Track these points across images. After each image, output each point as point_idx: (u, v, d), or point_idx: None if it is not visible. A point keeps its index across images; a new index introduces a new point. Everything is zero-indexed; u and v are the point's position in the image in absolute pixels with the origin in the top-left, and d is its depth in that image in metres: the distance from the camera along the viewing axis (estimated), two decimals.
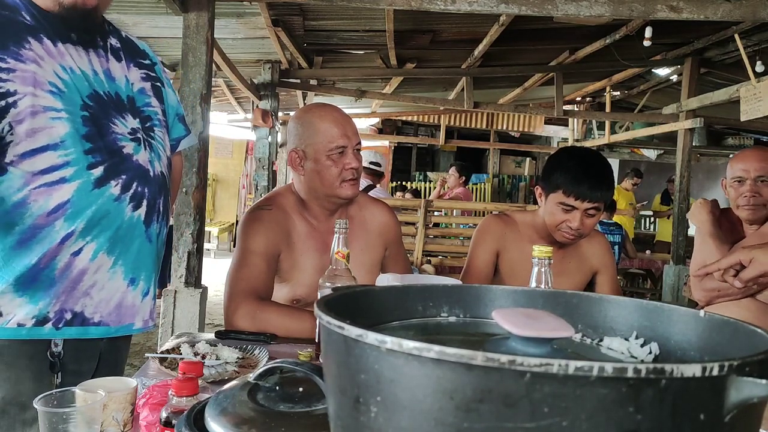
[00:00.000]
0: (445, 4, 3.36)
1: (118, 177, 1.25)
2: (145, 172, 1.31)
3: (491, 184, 11.07)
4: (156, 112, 1.40)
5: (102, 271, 1.25)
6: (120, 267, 1.27)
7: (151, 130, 1.37)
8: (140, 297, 1.32)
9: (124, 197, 1.26)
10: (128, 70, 1.37)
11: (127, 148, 1.28)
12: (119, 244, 1.26)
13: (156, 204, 1.34)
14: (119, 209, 1.25)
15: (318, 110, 1.70)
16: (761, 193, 1.94)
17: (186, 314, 3.31)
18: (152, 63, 1.46)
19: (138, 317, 1.33)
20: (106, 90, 1.28)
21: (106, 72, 1.30)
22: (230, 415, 0.66)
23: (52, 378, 1.24)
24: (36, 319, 1.19)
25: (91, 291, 1.24)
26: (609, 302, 0.64)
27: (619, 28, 4.90)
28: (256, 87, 6.07)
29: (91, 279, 1.23)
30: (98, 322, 1.26)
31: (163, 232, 1.39)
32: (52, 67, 1.20)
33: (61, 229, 1.19)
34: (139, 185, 1.29)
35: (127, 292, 1.29)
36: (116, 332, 1.29)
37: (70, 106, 1.20)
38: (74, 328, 1.23)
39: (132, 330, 1.33)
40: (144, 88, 1.39)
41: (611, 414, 0.39)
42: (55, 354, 1.24)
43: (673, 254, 5.78)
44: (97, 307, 1.25)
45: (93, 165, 1.22)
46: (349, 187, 1.64)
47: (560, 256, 1.83)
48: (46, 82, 1.18)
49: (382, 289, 0.68)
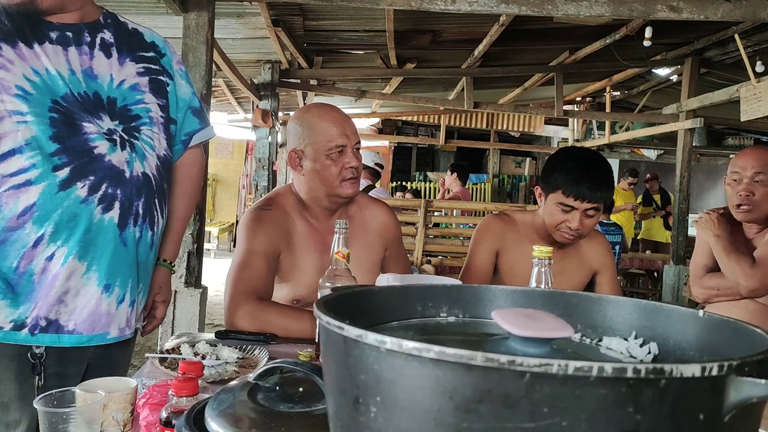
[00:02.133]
0: (445, 4, 3.36)
1: (85, 178, 1.22)
2: (119, 173, 1.26)
3: (491, 184, 11.08)
4: (148, 109, 1.35)
5: (75, 277, 1.22)
6: (94, 272, 1.24)
7: (137, 130, 1.32)
8: (115, 304, 1.29)
9: (92, 199, 1.22)
10: (120, 65, 1.33)
11: (100, 148, 1.24)
12: (91, 248, 1.23)
13: (132, 206, 1.28)
14: (87, 211, 1.22)
15: (317, 110, 1.70)
16: (755, 192, 1.92)
17: (186, 314, 3.31)
18: (159, 55, 1.41)
19: (113, 326, 1.30)
20: (83, 90, 1.25)
21: (87, 71, 1.27)
22: (230, 415, 0.66)
23: (34, 380, 1.23)
24: (14, 323, 1.19)
25: (65, 298, 1.22)
26: (608, 302, 0.64)
27: (619, 28, 4.90)
28: (256, 87, 6.07)
29: (64, 285, 1.22)
30: (72, 330, 1.24)
31: (147, 236, 1.33)
32: (23, 70, 1.19)
33: (32, 232, 1.18)
34: (110, 186, 1.25)
35: (101, 299, 1.26)
36: (89, 341, 1.27)
37: (38, 107, 1.18)
38: (48, 335, 1.22)
39: (106, 339, 1.29)
40: (138, 84, 1.35)
41: (611, 414, 0.39)
42: (36, 356, 1.23)
43: (673, 254, 5.78)
44: (72, 314, 1.23)
45: (59, 167, 1.19)
46: (350, 186, 1.64)
47: (560, 256, 1.83)
48: (13, 86, 1.17)
49: (382, 289, 0.68)
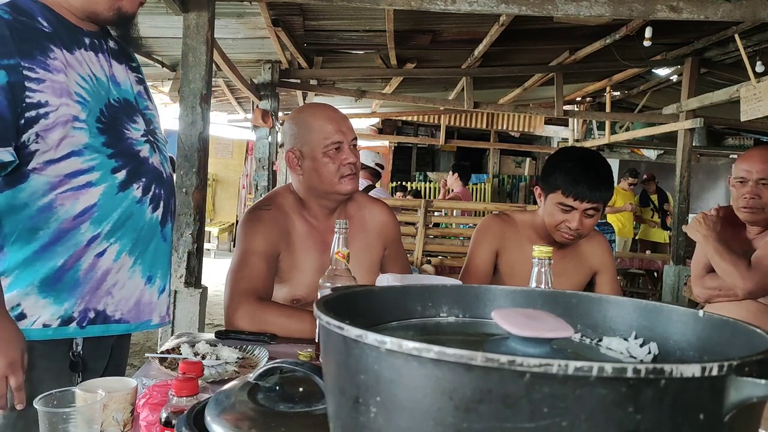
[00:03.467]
0: (445, 4, 3.36)
1: (139, 180, 1.29)
2: (160, 174, 1.35)
3: (491, 184, 11.07)
4: (154, 115, 1.42)
5: (123, 270, 1.29)
6: (138, 266, 1.31)
7: (154, 133, 1.39)
8: (157, 294, 1.37)
9: (145, 199, 1.30)
10: (125, 73, 1.38)
11: (143, 151, 1.32)
12: (140, 244, 1.30)
13: (169, 205, 1.38)
14: (141, 211, 1.30)
15: (311, 109, 1.72)
16: (761, 195, 1.93)
17: (186, 314, 3.31)
18: (138, 65, 1.46)
19: (155, 313, 1.37)
20: (116, 97, 1.30)
21: (112, 77, 1.31)
22: (230, 415, 0.66)
23: (74, 377, 1.27)
24: (61, 320, 1.22)
25: (113, 290, 1.28)
26: (608, 302, 0.64)
27: (619, 28, 4.89)
28: (256, 87, 6.07)
29: (113, 278, 1.27)
30: (119, 319, 1.30)
31: (172, 230, 1.43)
32: (74, 77, 1.20)
33: (87, 232, 1.22)
34: (156, 187, 1.33)
35: (144, 289, 1.33)
36: (136, 328, 1.34)
37: (91, 114, 1.22)
38: (97, 326, 1.27)
39: (150, 326, 1.37)
40: (141, 91, 1.41)
41: (611, 414, 0.39)
42: (76, 354, 1.27)
43: (673, 254, 5.77)
44: (118, 305, 1.29)
45: (116, 169, 1.25)
46: (349, 182, 1.65)
47: (560, 256, 1.83)
48: (73, 92, 1.19)
49: (382, 289, 0.68)
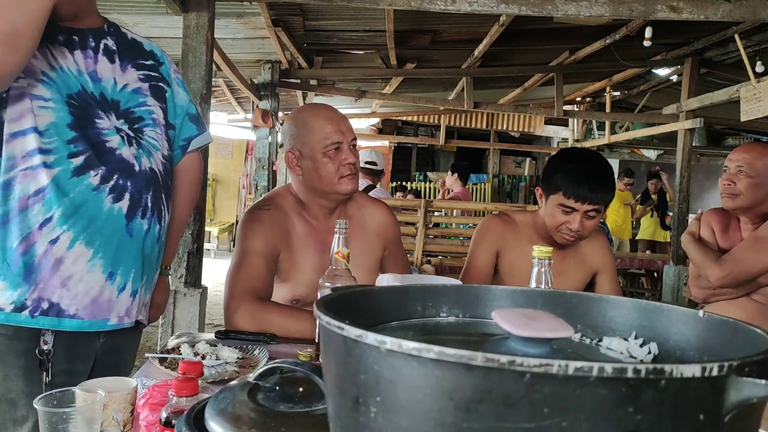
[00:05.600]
0: (445, 4, 3.36)
1: (98, 168, 1.26)
2: (129, 166, 1.31)
3: (491, 184, 11.07)
4: (151, 111, 1.40)
5: (80, 262, 1.25)
6: (99, 260, 1.27)
7: (140, 131, 1.37)
8: (116, 292, 1.31)
9: (103, 188, 1.27)
10: (122, 71, 1.38)
11: (111, 142, 1.29)
12: (98, 236, 1.26)
13: (141, 199, 1.33)
14: (97, 200, 1.26)
15: (310, 109, 1.72)
16: (735, 181, 2.02)
17: (186, 314, 3.31)
18: (157, 63, 1.47)
19: (113, 313, 1.32)
20: (91, 90, 1.30)
21: (91, 73, 1.32)
22: (230, 415, 0.66)
23: (41, 376, 1.24)
24: (14, 305, 1.21)
25: (69, 282, 1.24)
26: (608, 302, 0.64)
27: (619, 28, 4.90)
28: (256, 87, 6.07)
29: (69, 270, 1.24)
30: (73, 314, 1.26)
31: (155, 229, 1.37)
32: (44, 61, 1.24)
33: (39, 214, 1.21)
34: (120, 178, 1.29)
35: (104, 286, 1.29)
36: (90, 326, 1.29)
37: (58, 95, 1.23)
38: (49, 318, 1.23)
39: (106, 326, 1.32)
40: (140, 88, 1.40)
41: (611, 414, 0.39)
42: (43, 351, 1.24)
43: (672, 254, 5.78)
44: (74, 299, 1.25)
45: (74, 154, 1.23)
46: (348, 182, 1.64)
47: (560, 257, 1.83)
48: (39, 71, 1.21)
49: (382, 289, 0.68)
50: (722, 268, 1.97)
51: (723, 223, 2.13)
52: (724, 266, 1.97)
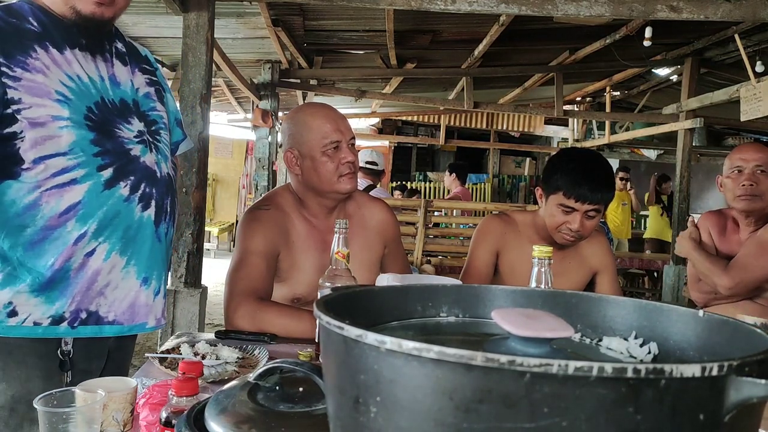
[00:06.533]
0: (445, 4, 3.36)
1: (126, 178, 1.27)
2: (153, 174, 1.33)
3: (491, 184, 11.07)
4: (161, 116, 1.42)
5: (116, 271, 1.27)
6: (133, 267, 1.29)
7: (157, 134, 1.39)
8: (152, 296, 1.35)
9: (133, 197, 1.28)
10: (133, 74, 1.39)
11: (134, 150, 1.31)
12: (131, 244, 1.29)
13: (164, 204, 1.36)
14: (129, 209, 1.28)
15: (309, 109, 1.73)
16: (758, 182, 1.96)
17: (186, 314, 3.31)
18: (153, 68, 1.48)
19: (151, 316, 1.35)
20: (111, 97, 1.30)
21: (111, 78, 1.32)
22: (230, 415, 0.66)
23: (62, 376, 1.26)
24: (52, 319, 1.21)
25: (106, 290, 1.26)
26: (608, 302, 0.64)
27: (619, 28, 4.90)
28: (256, 87, 6.07)
29: (105, 279, 1.25)
30: (112, 321, 1.28)
31: (171, 232, 1.41)
32: (59, 76, 1.22)
33: (73, 230, 1.21)
34: (147, 186, 1.31)
35: (140, 291, 1.31)
36: (129, 330, 1.32)
37: (76, 114, 1.22)
38: (89, 327, 1.25)
39: (145, 328, 1.35)
40: (149, 93, 1.41)
41: (611, 414, 0.39)
42: (65, 352, 1.25)
43: (673, 254, 5.78)
44: (111, 306, 1.27)
45: (103, 167, 1.24)
46: (348, 181, 1.65)
47: (560, 257, 1.83)
48: (53, 91, 1.19)
49: (382, 289, 0.68)
50: (731, 278, 1.92)
51: (720, 225, 2.11)
52: (733, 275, 1.92)
